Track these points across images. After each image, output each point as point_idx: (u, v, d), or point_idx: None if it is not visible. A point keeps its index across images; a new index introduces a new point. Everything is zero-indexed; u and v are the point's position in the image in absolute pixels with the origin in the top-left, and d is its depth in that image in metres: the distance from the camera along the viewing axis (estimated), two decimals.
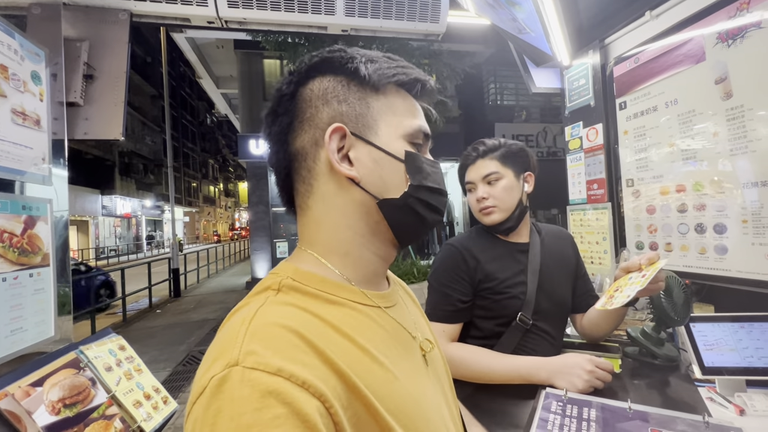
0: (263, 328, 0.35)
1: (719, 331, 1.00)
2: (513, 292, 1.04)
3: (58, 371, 0.90)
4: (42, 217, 1.11)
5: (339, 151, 0.45)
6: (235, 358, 0.32)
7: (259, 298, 0.41)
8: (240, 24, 1.64)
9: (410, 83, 0.49)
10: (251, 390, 0.30)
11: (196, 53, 9.63)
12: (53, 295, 1.14)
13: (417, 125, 0.48)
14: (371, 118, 0.46)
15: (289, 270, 0.44)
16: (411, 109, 0.49)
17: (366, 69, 0.46)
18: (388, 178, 0.46)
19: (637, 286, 0.84)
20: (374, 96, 0.47)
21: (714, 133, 1.25)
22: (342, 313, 0.42)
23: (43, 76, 1.16)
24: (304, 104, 0.46)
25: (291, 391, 0.31)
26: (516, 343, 1.03)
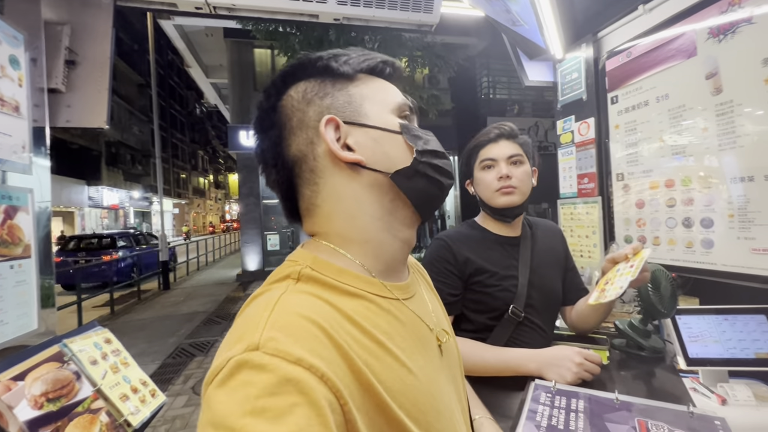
0: (285, 316, 0.35)
1: (704, 324, 1.01)
2: (504, 285, 1.04)
3: (40, 365, 0.88)
4: (23, 207, 1.08)
5: (337, 142, 0.45)
6: (256, 342, 0.32)
7: (279, 285, 0.41)
8: (229, 11, 1.60)
9: (379, 66, 0.50)
10: (270, 375, 0.30)
11: (184, 41, 9.41)
12: (36, 287, 1.11)
13: (400, 99, 0.50)
14: (356, 104, 0.47)
15: (308, 259, 0.44)
16: (388, 88, 0.51)
17: (335, 63, 0.47)
18: (392, 152, 0.47)
19: (628, 277, 0.84)
20: (351, 84, 0.48)
21: (703, 128, 1.26)
22: (360, 305, 0.42)
23: (22, 60, 1.12)
24: (289, 111, 0.47)
25: (309, 382, 0.31)
26: (508, 336, 1.03)
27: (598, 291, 0.93)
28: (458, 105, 9.97)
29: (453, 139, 9.88)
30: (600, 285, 0.95)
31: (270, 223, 9.65)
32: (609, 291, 0.88)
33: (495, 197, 1.06)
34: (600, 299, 0.89)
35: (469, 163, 1.15)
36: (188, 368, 3.90)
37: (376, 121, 0.47)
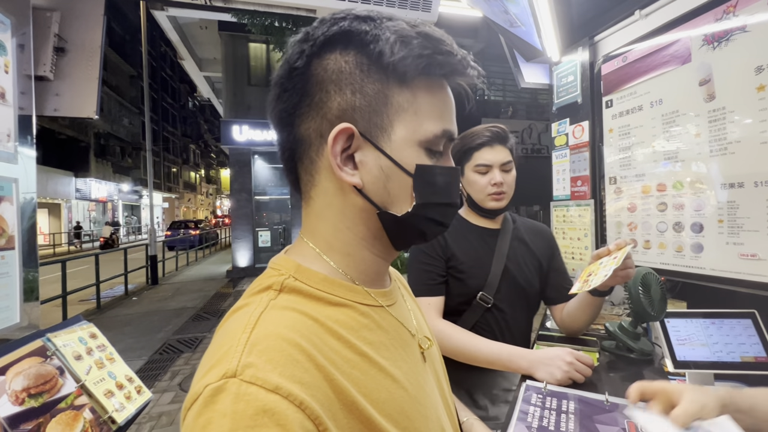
0: (265, 339, 0.34)
1: (692, 327, 1.03)
2: (476, 273, 1.11)
3: (22, 359, 0.86)
4: (7, 197, 1.05)
5: (344, 152, 0.41)
6: (233, 369, 0.31)
7: (260, 298, 0.39)
8: (225, 2, 1.57)
9: (447, 73, 0.41)
10: (246, 405, 0.29)
11: (178, 33, 9.27)
12: (18, 279, 1.08)
13: (440, 130, 0.42)
14: (387, 118, 0.40)
15: (291, 267, 0.42)
16: (439, 107, 0.42)
17: (392, 54, 0.38)
18: (393, 191, 0.41)
19: (612, 266, 0.87)
20: (397, 89, 0.40)
21: (696, 134, 1.27)
22: (344, 315, 0.40)
23: (9, 46, 1.08)
24: (315, 85, 0.40)
25: (286, 412, 0.30)
26: (475, 320, 1.10)
27: (581, 282, 0.94)
28: None
29: None
30: (583, 276, 0.96)
31: (261, 220, 9.58)
32: (592, 280, 0.89)
33: (486, 200, 1.12)
34: (583, 288, 0.91)
35: (461, 161, 1.16)
36: (175, 364, 3.85)
37: (394, 150, 0.41)
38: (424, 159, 0.42)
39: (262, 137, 9.00)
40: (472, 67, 0.41)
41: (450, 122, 0.43)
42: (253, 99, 9.30)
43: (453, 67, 0.40)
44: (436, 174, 0.42)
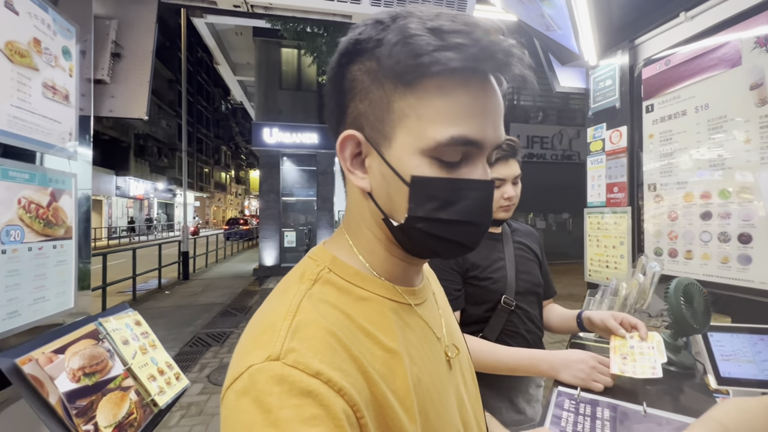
0: (306, 327, 0.35)
1: (737, 342, 0.98)
2: (496, 278, 1.13)
3: (78, 341, 0.92)
4: (67, 191, 1.14)
5: (356, 157, 0.42)
6: (277, 352, 0.32)
7: (299, 287, 0.40)
8: (265, 9, 1.64)
9: (454, 71, 0.35)
10: (290, 386, 0.31)
11: (215, 39, 9.67)
12: (74, 268, 1.17)
13: (446, 137, 0.37)
14: (389, 124, 0.39)
15: (327, 258, 0.44)
16: (451, 111, 0.37)
17: (390, 57, 0.36)
18: (395, 199, 0.40)
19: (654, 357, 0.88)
20: (400, 94, 0.38)
21: (745, 140, 1.21)
22: (373, 311, 0.41)
23: (73, 52, 1.18)
24: (339, 94, 0.42)
25: (328, 395, 0.31)
26: (502, 325, 1.11)
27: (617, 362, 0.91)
28: None
29: None
30: (615, 353, 0.93)
31: (288, 220, 9.79)
32: (633, 368, 0.87)
33: (497, 212, 1.14)
34: (625, 372, 0.87)
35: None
36: (204, 357, 3.99)
37: (394, 157, 0.39)
38: (428, 169, 0.38)
39: (291, 140, 9.22)
40: (498, 54, 0.35)
41: (469, 126, 0.37)
42: (283, 102, 9.56)
43: (464, 61, 0.34)
44: (442, 186, 0.38)
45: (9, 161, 0.92)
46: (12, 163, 0.93)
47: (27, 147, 0.99)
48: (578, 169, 1.89)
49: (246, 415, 0.30)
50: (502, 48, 0.36)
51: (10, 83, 0.93)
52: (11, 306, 0.92)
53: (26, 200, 0.97)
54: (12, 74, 0.93)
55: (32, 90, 1.00)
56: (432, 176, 0.38)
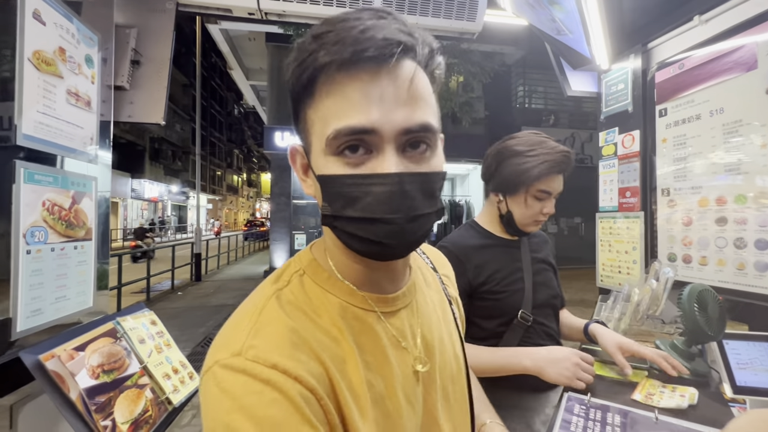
0: (267, 324, 0.39)
1: (754, 350, 0.96)
2: (512, 290, 1.05)
3: (97, 339, 0.96)
4: (87, 194, 1.18)
5: (307, 168, 0.45)
6: (239, 349, 0.37)
7: (271, 288, 0.44)
8: (279, 16, 1.68)
9: (328, 67, 0.37)
10: (252, 377, 0.35)
11: (228, 45, 9.85)
12: (93, 268, 1.21)
13: (331, 130, 0.37)
14: (307, 132, 0.42)
15: (305, 261, 0.48)
16: (336, 107, 0.38)
17: (292, 76, 0.40)
18: (318, 199, 0.44)
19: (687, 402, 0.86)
20: (308, 103, 0.40)
21: (762, 144, 1.19)
22: (338, 315, 0.44)
23: (96, 59, 1.22)
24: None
25: (285, 383, 0.35)
26: (518, 340, 1.03)
27: (641, 393, 0.90)
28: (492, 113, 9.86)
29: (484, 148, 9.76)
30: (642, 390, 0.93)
31: (298, 223, 9.87)
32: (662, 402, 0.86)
33: (530, 225, 1.06)
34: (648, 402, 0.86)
35: (517, 181, 1.03)
36: None
37: (314, 161, 0.42)
38: (333, 167, 0.39)
39: None
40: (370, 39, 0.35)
41: (353, 117, 0.37)
42: None
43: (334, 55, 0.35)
44: (343, 183, 0.39)
45: (34, 165, 0.96)
46: (37, 167, 0.97)
47: (51, 151, 1.04)
48: (590, 173, 1.87)
49: (217, 403, 0.35)
50: (361, 29, 0.36)
51: (37, 90, 0.97)
52: (35, 304, 0.96)
53: (50, 202, 1.00)
54: (39, 82, 0.98)
55: (57, 96, 1.05)
56: (333, 174, 0.39)
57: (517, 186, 1.03)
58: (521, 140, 1.06)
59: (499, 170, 1.06)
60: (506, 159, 1.05)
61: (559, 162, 1.00)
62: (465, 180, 11.17)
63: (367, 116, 0.36)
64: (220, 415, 0.34)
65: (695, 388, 0.94)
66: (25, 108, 0.93)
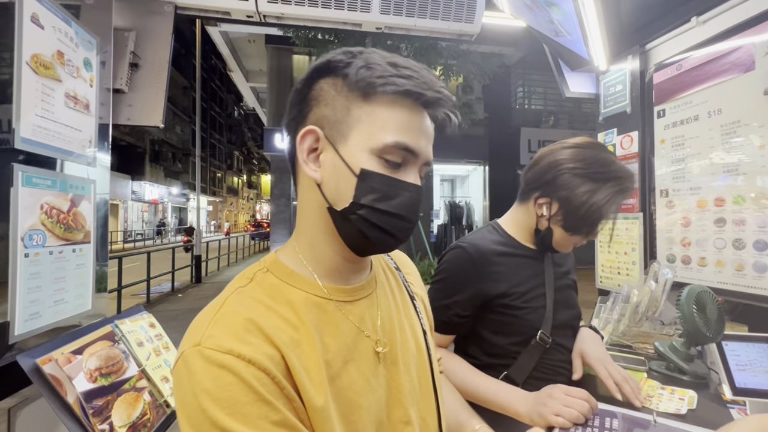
0: (225, 316, 0.44)
1: (754, 352, 0.96)
2: (533, 306, 0.93)
3: (95, 342, 0.96)
4: (86, 197, 1.18)
5: (312, 152, 0.49)
6: (199, 339, 0.41)
7: (234, 286, 0.49)
8: (277, 19, 1.68)
9: (403, 93, 0.46)
10: (209, 363, 0.39)
11: (228, 47, 9.87)
12: (92, 271, 1.20)
13: (392, 141, 0.46)
14: (346, 126, 0.47)
15: (269, 261, 0.52)
16: (398, 123, 0.46)
17: (356, 75, 0.46)
18: (341, 189, 0.47)
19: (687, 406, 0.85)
20: (359, 103, 0.47)
21: (760, 145, 1.19)
22: (294, 303, 0.48)
23: (94, 63, 1.23)
24: (306, 102, 0.50)
25: (238, 366, 0.39)
26: (534, 364, 0.92)
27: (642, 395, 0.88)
28: (491, 114, 9.87)
29: (484, 149, 9.76)
30: (642, 391, 0.91)
31: None
32: (660, 406, 0.86)
33: (566, 247, 0.97)
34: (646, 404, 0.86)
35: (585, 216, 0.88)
36: None
37: (347, 153, 0.47)
38: (374, 166, 0.46)
39: None
40: (435, 90, 0.47)
41: (408, 137, 0.46)
42: None
43: (408, 87, 0.45)
44: (384, 182, 0.47)
45: (32, 168, 0.96)
46: (35, 170, 0.97)
47: (50, 155, 1.04)
48: None
49: (183, 387, 0.40)
50: (436, 86, 0.47)
51: (35, 94, 0.97)
52: (33, 308, 0.96)
53: (48, 206, 1.01)
54: (37, 85, 0.98)
55: (55, 100, 1.05)
56: (377, 172, 0.46)
57: (583, 220, 0.89)
58: (588, 159, 0.90)
59: (558, 187, 0.90)
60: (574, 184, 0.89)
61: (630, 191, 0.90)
62: (465, 181, 11.18)
63: (417, 143, 0.47)
64: (187, 398, 0.39)
65: (694, 391, 0.93)
66: (23, 111, 0.93)
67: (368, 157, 0.46)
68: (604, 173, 0.88)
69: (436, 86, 0.47)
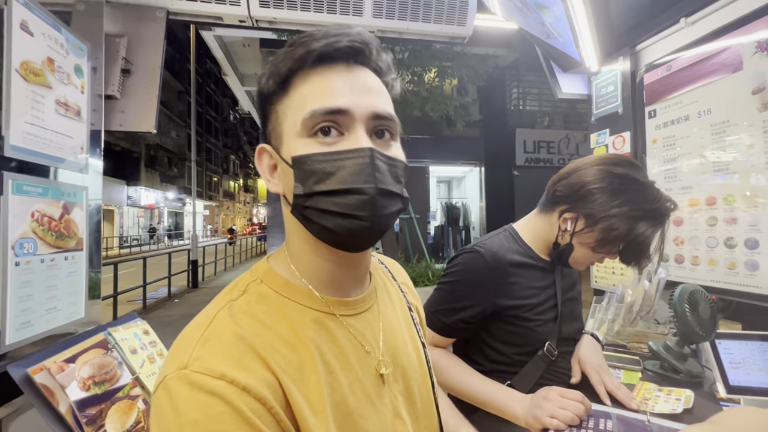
0: (215, 335, 0.39)
1: (747, 350, 0.96)
2: (544, 319, 0.93)
3: (88, 350, 0.95)
4: (78, 204, 1.17)
5: (272, 168, 0.47)
6: (185, 361, 0.36)
7: (223, 299, 0.44)
8: (270, 23, 1.68)
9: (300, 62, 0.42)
10: (198, 390, 0.34)
11: (222, 51, 9.84)
12: (85, 278, 1.20)
13: (307, 112, 0.41)
14: (279, 126, 0.45)
15: (262, 270, 0.48)
16: (313, 94, 0.42)
17: (264, 81, 0.45)
18: (288, 188, 0.44)
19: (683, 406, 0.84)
20: (280, 99, 0.45)
21: (749, 144, 1.21)
22: (291, 318, 0.43)
23: (85, 69, 1.22)
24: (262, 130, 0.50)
25: (232, 394, 0.35)
26: (539, 374, 0.92)
27: (638, 398, 0.89)
28: (486, 116, 9.90)
29: (479, 150, 9.79)
30: (639, 395, 0.91)
31: None
32: (657, 408, 0.85)
33: (582, 265, 0.95)
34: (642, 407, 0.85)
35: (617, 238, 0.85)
36: None
37: (285, 150, 0.44)
38: (306, 148, 0.42)
39: None
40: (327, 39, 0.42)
41: (328, 100, 0.41)
42: None
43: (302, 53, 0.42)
44: (316, 160, 0.41)
45: (23, 176, 0.96)
46: (26, 178, 0.96)
47: (40, 162, 1.03)
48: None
49: (164, 420, 0.34)
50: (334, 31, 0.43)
51: (25, 101, 0.97)
52: (24, 316, 0.95)
53: (39, 213, 1.00)
54: (26, 92, 0.97)
55: (45, 107, 1.04)
56: (308, 153, 0.42)
57: (612, 242, 0.86)
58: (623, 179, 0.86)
59: (588, 204, 0.87)
60: (605, 202, 0.86)
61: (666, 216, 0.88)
62: (461, 182, 11.20)
63: (342, 99, 0.41)
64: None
65: (690, 390, 0.94)
66: (12, 119, 0.92)
67: (298, 142, 0.42)
68: (639, 197, 0.84)
69: (343, 32, 0.43)
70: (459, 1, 1.67)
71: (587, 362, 0.94)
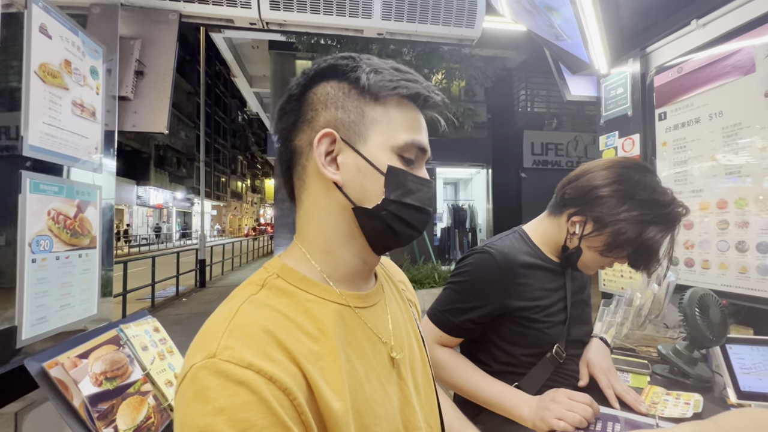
0: (241, 327, 0.40)
1: (758, 355, 0.95)
2: (554, 321, 0.93)
3: (101, 346, 0.97)
4: (92, 203, 1.19)
5: (328, 155, 0.48)
6: (213, 350, 0.37)
7: (243, 293, 0.46)
8: (280, 26, 1.70)
9: (412, 96, 0.49)
10: (225, 379, 0.35)
11: (232, 52, 9.95)
12: (98, 275, 1.22)
13: (409, 139, 0.49)
14: (363, 127, 0.48)
15: (277, 266, 0.49)
16: (408, 122, 0.50)
17: (367, 79, 0.48)
18: (368, 188, 0.48)
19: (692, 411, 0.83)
20: (371, 105, 0.48)
21: (762, 147, 1.19)
22: (313, 311, 0.46)
23: (100, 71, 1.25)
24: (308, 106, 0.50)
25: (259, 383, 0.36)
26: (546, 378, 0.92)
27: (647, 402, 0.88)
28: (494, 117, 9.88)
29: (487, 152, 9.75)
30: (647, 399, 0.91)
31: None
32: (666, 412, 0.84)
33: (590, 270, 0.95)
34: (651, 412, 0.85)
35: (626, 243, 0.85)
36: None
37: (370, 153, 0.48)
38: (397, 163, 0.49)
39: None
40: (435, 93, 0.51)
41: (419, 135, 0.50)
42: None
43: (417, 90, 0.49)
44: (407, 177, 0.49)
45: (40, 175, 0.98)
46: (43, 177, 0.99)
47: (57, 161, 1.05)
48: None
49: (191, 407, 0.35)
50: (434, 90, 0.51)
51: (43, 102, 0.99)
52: (40, 312, 0.97)
53: (55, 212, 1.02)
54: (44, 94, 1.00)
55: (62, 108, 1.07)
56: (402, 169, 0.49)
57: (621, 246, 0.86)
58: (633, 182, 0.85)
59: (596, 208, 0.87)
60: (614, 207, 0.85)
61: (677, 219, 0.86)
62: (468, 184, 11.17)
63: (426, 140, 0.51)
64: (194, 420, 0.34)
65: (699, 395, 0.93)
66: (31, 119, 0.95)
67: (389, 156, 0.48)
68: (648, 201, 0.83)
69: (434, 90, 0.51)
70: (467, 4, 1.67)
71: (596, 365, 0.94)
